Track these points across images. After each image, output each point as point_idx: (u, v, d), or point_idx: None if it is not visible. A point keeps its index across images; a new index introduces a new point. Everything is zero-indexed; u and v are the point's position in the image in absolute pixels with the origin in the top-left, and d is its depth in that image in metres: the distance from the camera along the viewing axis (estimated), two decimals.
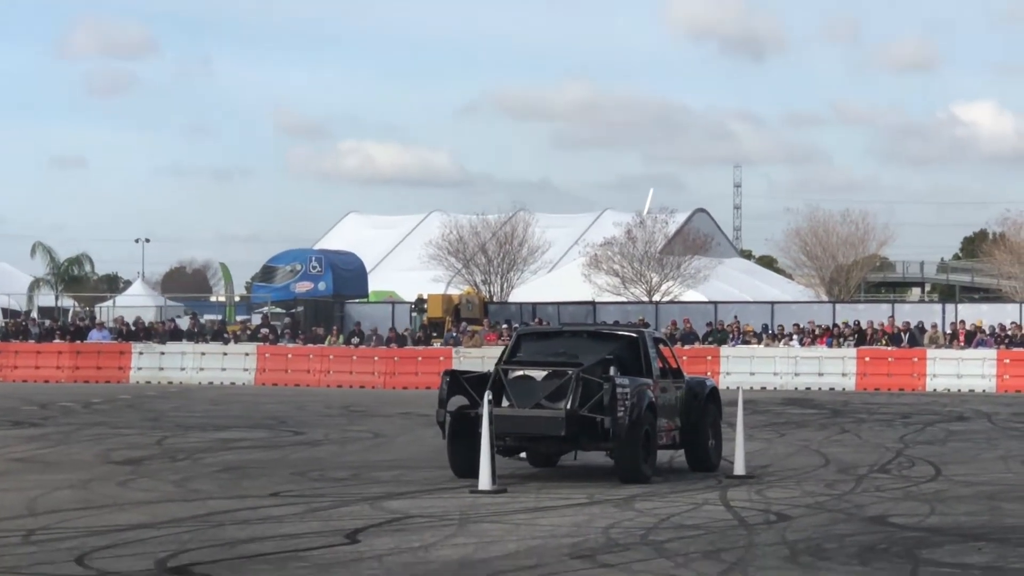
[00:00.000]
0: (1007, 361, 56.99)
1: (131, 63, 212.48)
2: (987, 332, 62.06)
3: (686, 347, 61.43)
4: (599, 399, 25.29)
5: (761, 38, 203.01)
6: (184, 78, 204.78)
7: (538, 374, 26.52)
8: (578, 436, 25.62)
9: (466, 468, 24.91)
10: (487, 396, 24.99)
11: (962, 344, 60.63)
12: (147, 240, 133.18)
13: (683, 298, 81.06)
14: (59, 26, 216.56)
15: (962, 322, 64.04)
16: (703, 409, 27.89)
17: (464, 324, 66.93)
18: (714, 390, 29.13)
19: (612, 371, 25.88)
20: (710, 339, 63.37)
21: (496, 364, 27.60)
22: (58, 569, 16.13)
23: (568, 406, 25.40)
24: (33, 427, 37.04)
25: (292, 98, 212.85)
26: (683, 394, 27.78)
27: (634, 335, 29.41)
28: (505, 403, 26.08)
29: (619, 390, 25.08)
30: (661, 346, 29.09)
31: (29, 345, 66.11)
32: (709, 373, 57.06)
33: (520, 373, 26.59)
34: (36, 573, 15.87)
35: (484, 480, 23.35)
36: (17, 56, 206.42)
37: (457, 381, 26.77)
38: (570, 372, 25.75)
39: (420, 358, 61.04)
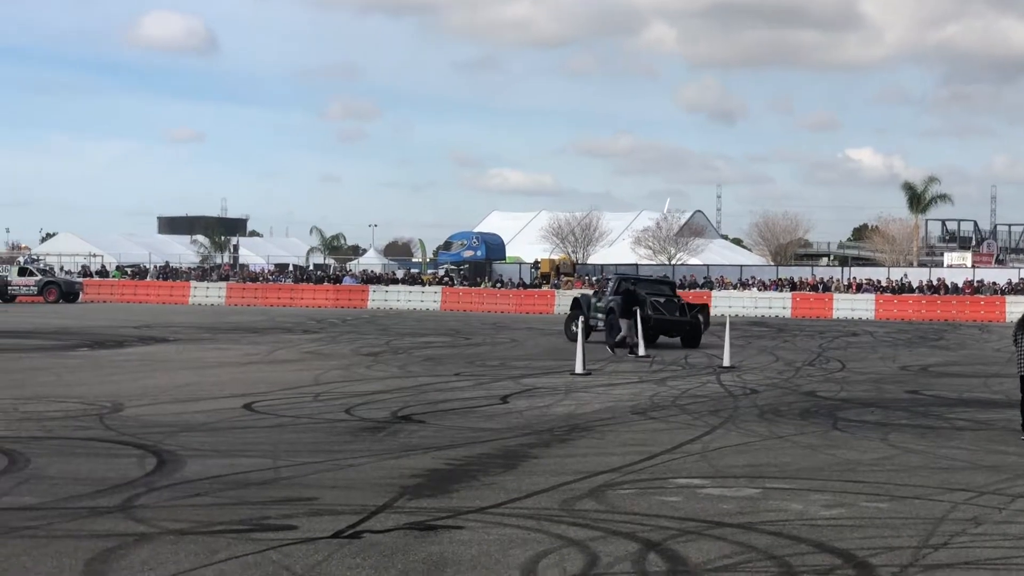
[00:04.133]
0: (881, 301, 56.36)
1: (366, 123, 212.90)
2: (868, 283, 61.69)
3: (691, 291, 61.24)
4: (698, 311, 33.40)
5: (732, 109, 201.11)
6: (397, 132, 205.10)
7: (661, 299, 32.91)
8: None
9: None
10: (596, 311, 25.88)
11: (854, 290, 60.14)
12: (375, 225, 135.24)
13: (689, 263, 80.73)
14: (324, 100, 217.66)
15: (854, 278, 63.79)
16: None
17: (562, 276, 66.92)
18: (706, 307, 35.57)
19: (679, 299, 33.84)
20: (706, 287, 63.14)
21: (621, 294, 31.71)
22: (335, 416, 16.23)
23: (688, 316, 32.75)
24: (314, 333, 37.31)
25: (461, 144, 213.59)
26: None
27: (674, 282, 39.67)
28: (650, 312, 31.39)
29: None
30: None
31: (309, 286, 66.63)
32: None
33: (656, 298, 32.85)
34: (324, 418, 15.96)
35: (579, 366, 23.31)
36: (303, 118, 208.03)
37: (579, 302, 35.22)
38: (676, 299, 33.63)
39: (536, 295, 61.08)
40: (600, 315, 33.07)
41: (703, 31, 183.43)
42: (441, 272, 73.82)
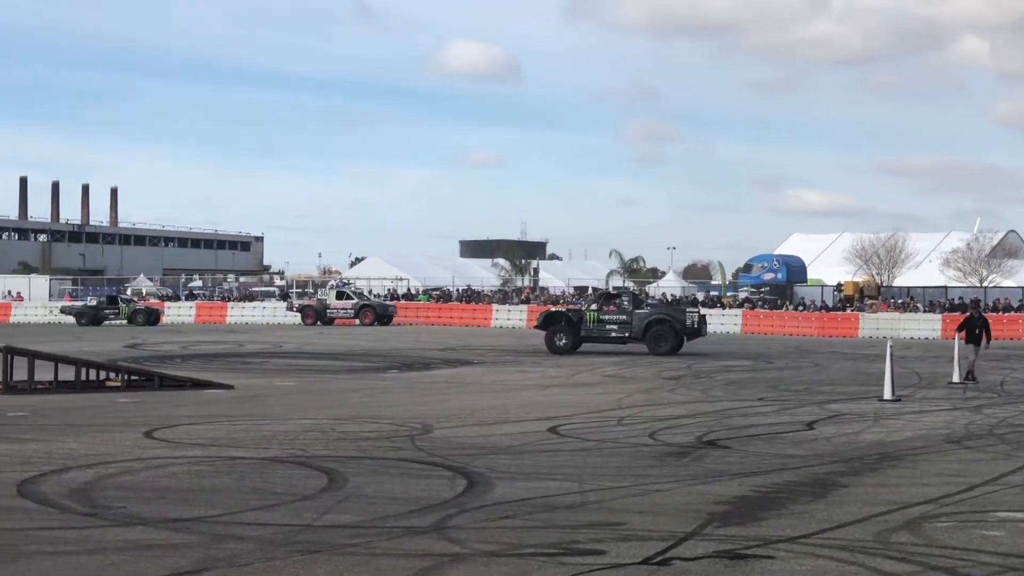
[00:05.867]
0: None
1: (663, 145, 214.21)
2: None
3: (1006, 314, 58.62)
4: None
5: None
6: (695, 154, 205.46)
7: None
8: None
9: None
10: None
11: None
12: (674, 247, 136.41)
13: (1002, 284, 77.46)
14: (622, 123, 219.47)
15: None
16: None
17: (867, 299, 65.24)
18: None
19: None
20: (1021, 310, 60.33)
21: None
22: (639, 441, 16.15)
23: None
24: (614, 356, 37.31)
25: (759, 164, 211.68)
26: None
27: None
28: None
29: None
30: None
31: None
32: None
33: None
34: (628, 442, 15.95)
35: (887, 392, 22.58)
36: (601, 141, 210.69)
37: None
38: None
39: (839, 319, 59.66)
40: (613, 326, 38.60)
41: (1017, 43, 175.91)
42: (742, 295, 73.08)
